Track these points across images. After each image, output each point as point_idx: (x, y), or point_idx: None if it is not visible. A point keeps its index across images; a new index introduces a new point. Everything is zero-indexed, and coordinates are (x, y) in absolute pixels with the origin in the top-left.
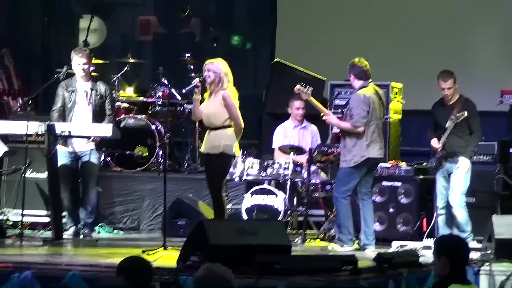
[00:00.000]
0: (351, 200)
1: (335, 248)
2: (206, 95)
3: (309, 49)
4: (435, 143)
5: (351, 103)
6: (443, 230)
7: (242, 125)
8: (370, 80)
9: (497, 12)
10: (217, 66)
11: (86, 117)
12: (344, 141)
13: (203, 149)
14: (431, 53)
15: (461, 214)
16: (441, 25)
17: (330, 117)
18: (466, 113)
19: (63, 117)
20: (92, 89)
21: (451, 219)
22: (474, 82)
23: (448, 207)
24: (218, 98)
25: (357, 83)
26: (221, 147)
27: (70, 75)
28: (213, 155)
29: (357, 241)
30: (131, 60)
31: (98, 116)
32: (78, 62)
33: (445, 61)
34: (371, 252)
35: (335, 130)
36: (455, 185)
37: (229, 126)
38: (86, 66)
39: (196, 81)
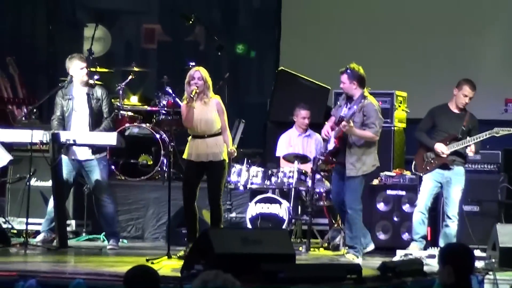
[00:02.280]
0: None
1: (355, 259)
2: (185, 102)
3: (313, 58)
4: (442, 148)
5: (368, 112)
6: (419, 228)
7: None
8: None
9: (501, 21)
10: (205, 74)
11: (84, 124)
12: (350, 150)
13: (199, 158)
14: (436, 62)
15: (456, 227)
16: (446, 34)
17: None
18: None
19: (62, 125)
20: (88, 94)
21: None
22: (478, 91)
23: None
24: (211, 105)
25: (359, 90)
26: (222, 154)
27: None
28: (216, 162)
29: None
30: (136, 69)
31: (96, 121)
32: (80, 66)
33: (450, 69)
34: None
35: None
36: (455, 197)
37: (221, 133)
38: (87, 70)
39: (194, 88)
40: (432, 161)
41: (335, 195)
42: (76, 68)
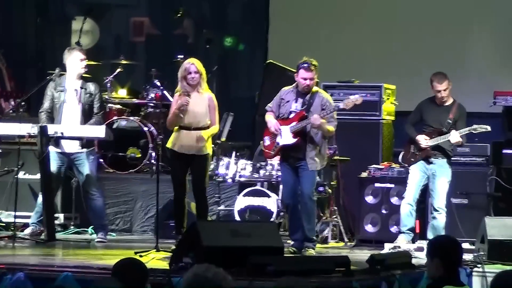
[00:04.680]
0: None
1: (313, 253)
2: (178, 94)
3: (302, 50)
4: (423, 140)
5: (328, 107)
6: (407, 220)
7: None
8: None
9: (490, 13)
10: (201, 67)
11: (75, 116)
12: (310, 144)
13: (182, 149)
14: (424, 55)
15: (444, 219)
16: (434, 26)
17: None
18: (489, 128)
19: (51, 118)
20: (81, 88)
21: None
22: (467, 83)
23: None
24: (203, 99)
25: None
26: (207, 148)
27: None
28: (199, 156)
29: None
30: (124, 62)
31: (87, 115)
32: (80, 57)
33: (438, 62)
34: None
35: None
36: (441, 189)
37: (208, 126)
38: (86, 63)
39: (187, 99)
40: (416, 153)
41: (290, 188)
42: (75, 59)
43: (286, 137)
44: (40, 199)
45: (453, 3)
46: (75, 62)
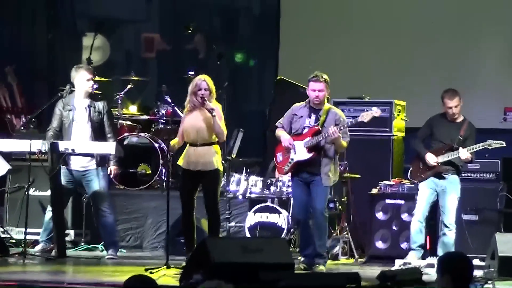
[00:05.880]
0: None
1: (324, 270)
2: (186, 111)
3: (312, 66)
4: (431, 159)
5: (342, 122)
6: (417, 237)
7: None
8: None
9: (501, 29)
10: (211, 84)
11: (85, 134)
12: (324, 160)
13: (189, 166)
14: (435, 71)
15: (454, 235)
16: (444, 42)
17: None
18: (504, 143)
19: (59, 137)
20: (90, 106)
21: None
22: (477, 99)
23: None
24: (208, 113)
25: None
26: (215, 164)
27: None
28: (207, 172)
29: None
30: (135, 78)
31: (97, 132)
32: (87, 77)
33: (448, 78)
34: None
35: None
36: (451, 205)
37: (215, 142)
38: (93, 82)
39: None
40: (426, 169)
41: (302, 203)
42: (82, 78)
43: (301, 153)
44: (47, 216)
45: (464, 19)
46: (81, 81)
